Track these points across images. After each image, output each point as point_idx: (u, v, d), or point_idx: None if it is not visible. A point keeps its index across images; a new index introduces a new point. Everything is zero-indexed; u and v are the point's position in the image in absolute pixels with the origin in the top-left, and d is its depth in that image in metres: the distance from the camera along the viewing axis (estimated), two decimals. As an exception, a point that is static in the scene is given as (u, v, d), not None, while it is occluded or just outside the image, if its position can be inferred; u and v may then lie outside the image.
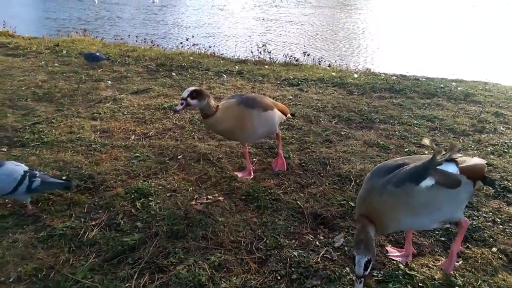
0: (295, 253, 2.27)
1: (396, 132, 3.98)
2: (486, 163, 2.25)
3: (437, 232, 2.50)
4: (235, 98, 2.88)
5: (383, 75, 6.48)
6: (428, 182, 1.92)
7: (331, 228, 2.54)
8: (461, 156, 2.13)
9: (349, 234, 2.46)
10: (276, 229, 2.48)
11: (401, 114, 4.49)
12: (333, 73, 6.40)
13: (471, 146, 3.73)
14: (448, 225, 2.54)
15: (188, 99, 2.54)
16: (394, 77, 6.18)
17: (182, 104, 2.55)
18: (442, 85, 5.66)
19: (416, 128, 4.11)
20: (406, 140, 3.81)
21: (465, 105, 4.90)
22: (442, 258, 2.29)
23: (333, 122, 4.24)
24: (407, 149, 3.59)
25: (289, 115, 3.33)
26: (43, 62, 6.43)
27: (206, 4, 23.28)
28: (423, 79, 6.22)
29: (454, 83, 5.91)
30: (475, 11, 19.85)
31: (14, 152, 3.34)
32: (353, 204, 2.73)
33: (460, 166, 2.03)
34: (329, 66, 7.77)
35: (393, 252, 2.31)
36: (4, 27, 10.45)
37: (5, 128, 3.81)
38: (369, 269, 1.78)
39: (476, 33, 14.16)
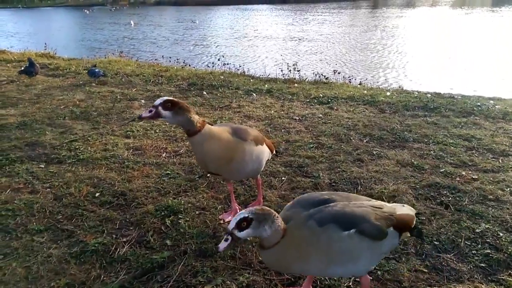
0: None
1: (431, 152, 3.85)
2: (417, 213, 2.05)
3: (476, 258, 2.36)
4: (226, 126, 2.51)
5: (416, 93, 6.33)
6: (351, 229, 1.74)
7: (363, 250, 2.45)
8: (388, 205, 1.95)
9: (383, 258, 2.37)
10: (305, 251, 2.42)
11: (436, 133, 4.35)
12: (364, 91, 6.32)
13: (512, 167, 3.55)
14: (488, 251, 2.40)
15: (159, 108, 2.15)
16: (428, 95, 6.02)
17: (150, 111, 2.15)
18: (479, 103, 5.46)
19: (452, 147, 3.96)
20: (442, 160, 3.67)
21: (504, 124, 4.69)
22: (482, 286, 2.15)
23: (364, 141, 4.15)
24: (443, 170, 3.45)
25: (274, 152, 2.94)
26: (81, 82, 6.73)
27: (238, 25, 23.80)
28: (459, 97, 6.03)
29: (491, 101, 5.68)
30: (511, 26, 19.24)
31: (51, 169, 3.47)
32: (386, 226, 2.64)
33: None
34: (360, 84, 7.68)
35: None
36: (45, 49, 11.07)
37: (44, 145, 3.97)
38: (243, 232, 1.64)
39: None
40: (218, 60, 9.62)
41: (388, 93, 6.16)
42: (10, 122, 4.64)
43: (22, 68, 7.01)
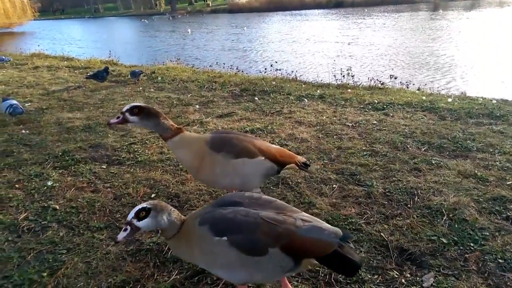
0: (378, 290, 2.12)
1: (497, 163, 3.58)
2: (349, 239, 1.77)
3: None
4: (211, 134, 2.47)
5: (481, 99, 5.94)
6: (223, 236, 1.68)
7: (419, 265, 2.33)
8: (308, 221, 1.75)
9: (440, 273, 2.24)
10: (357, 262, 2.35)
11: (503, 142, 4.04)
12: (423, 97, 6.04)
13: None
14: None
15: (126, 114, 2.25)
16: (494, 102, 5.62)
17: (118, 118, 2.27)
18: (553, 111, 5.00)
19: (521, 158, 3.66)
20: (509, 172, 3.40)
21: None
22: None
23: (422, 150, 3.96)
24: (510, 182, 3.20)
25: (293, 164, 2.61)
26: (140, 88, 7.08)
27: (291, 30, 23.82)
28: (529, 103, 5.57)
29: None
30: None
31: (112, 169, 3.67)
32: (445, 241, 2.49)
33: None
34: (418, 89, 7.34)
35: None
36: (109, 57, 11.79)
37: (106, 147, 4.21)
38: (143, 222, 1.71)
39: None
40: (271, 66, 9.66)
41: (449, 99, 5.83)
42: (76, 125, 4.98)
43: (91, 73, 7.53)
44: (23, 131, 4.78)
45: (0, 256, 2.46)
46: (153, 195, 3.18)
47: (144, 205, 1.75)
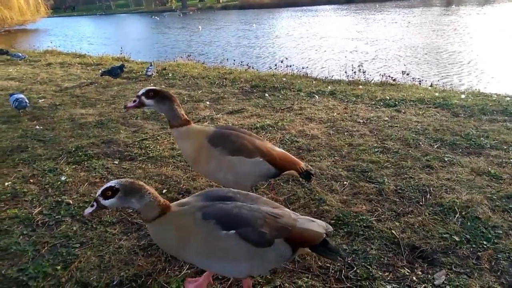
0: (389, 287, 2.11)
1: (511, 160, 3.53)
2: (328, 232, 1.94)
3: None
4: (215, 129, 2.49)
5: (495, 95, 5.85)
6: (231, 230, 1.71)
7: (430, 263, 2.31)
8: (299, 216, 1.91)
9: (452, 271, 2.22)
10: (367, 259, 2.35)
11: (517, 139, 3.98)
12: (436, 94, 5.96)
13: None
14: None
15: (142, 97, 2.28)
16: (508, 98, 5.53)
17: (134, 101, 2.30)
18: None
19: (536, 156, 3.60)
20: (524, 170, 3.35)
21: None
22: None
23: (435, 147, 3.92)
24: (525, 180, 3.15)
25: (293, 172, 2.60)
26: (152, 84, 7.12)
27: (302, 26, 23.70)
28: (545, 100, 5.46)
29: None
30: None
31: (124, 165, 3.71)
32: (457, 239, 2.47)
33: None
34: (431, 85, 7.25)
35: (190, 283, 2.15)
36: (121, 53, 11.88)
37: (118, 143, 4.26)
38: (108, 201, 1.68)
39: None
40: (281, 62, 9.64)
41: (462, 96, 5.76)
42: (89, 121, 5.04)
43: (105, 70, 7.61)
44: (37, 127, 4.85)
45: (15, 249, 2.52)
46: (164, 191, 3.21)
47: (112, 183, 1.71)
